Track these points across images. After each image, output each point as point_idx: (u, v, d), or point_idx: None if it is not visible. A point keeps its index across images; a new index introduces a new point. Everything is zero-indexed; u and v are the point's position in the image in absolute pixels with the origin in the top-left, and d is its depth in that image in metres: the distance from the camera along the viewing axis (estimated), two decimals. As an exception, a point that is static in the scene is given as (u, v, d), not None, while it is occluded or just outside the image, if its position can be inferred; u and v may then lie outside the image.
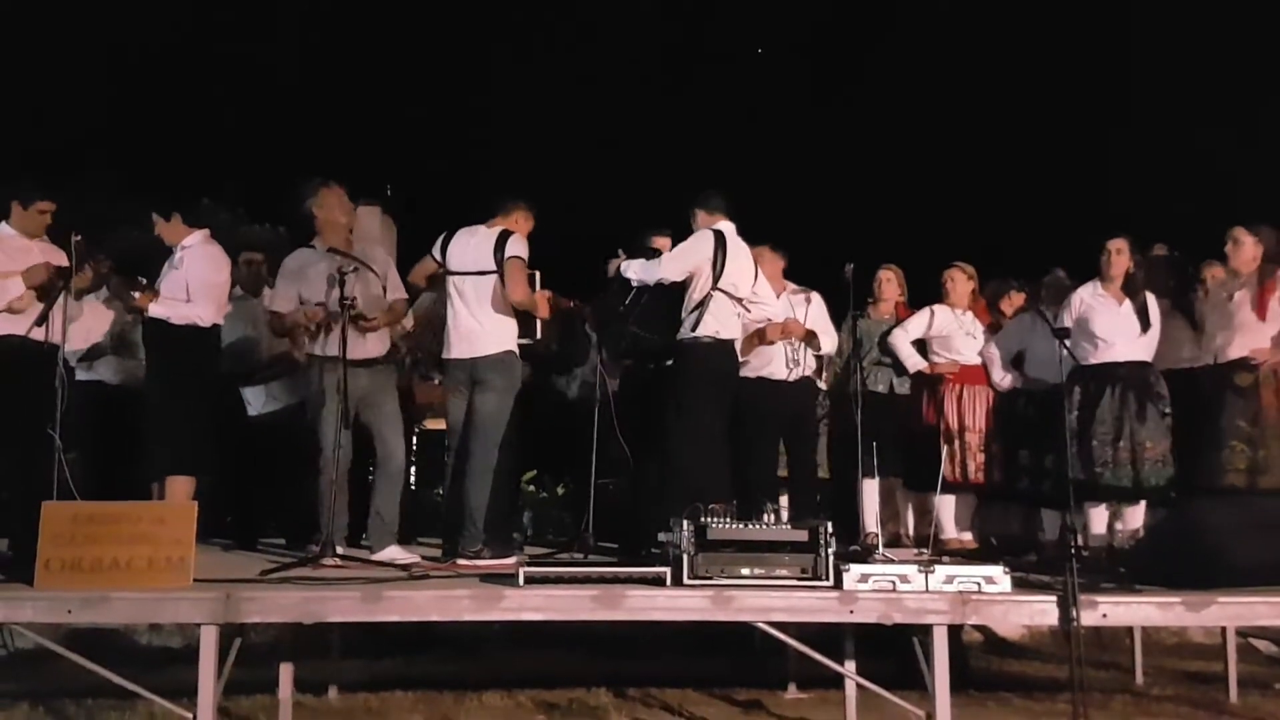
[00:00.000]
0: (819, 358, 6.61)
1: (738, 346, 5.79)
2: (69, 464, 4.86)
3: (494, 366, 5.42)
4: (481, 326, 5.43)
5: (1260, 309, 5.92)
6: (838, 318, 6.63)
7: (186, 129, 15.39)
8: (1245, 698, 5.59)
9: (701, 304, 5.54)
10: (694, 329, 5.55)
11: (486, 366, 5.42)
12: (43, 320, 5.05)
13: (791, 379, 6.38)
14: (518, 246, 5.46)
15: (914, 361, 6.84)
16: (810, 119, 16.34)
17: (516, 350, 5.52)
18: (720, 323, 5.57)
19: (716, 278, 5.54)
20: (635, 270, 5.70)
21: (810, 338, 6.39)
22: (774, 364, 6.34)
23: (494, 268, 5.41)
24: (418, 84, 16.77)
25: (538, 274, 5.57)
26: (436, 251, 5.61)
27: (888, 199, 15.04)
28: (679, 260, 5.61)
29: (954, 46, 15.90)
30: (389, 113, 16.61)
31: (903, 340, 6.85)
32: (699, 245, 5.60)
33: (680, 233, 5.85)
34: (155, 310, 5.54)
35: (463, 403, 5.48)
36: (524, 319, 5.51)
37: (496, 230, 5.52)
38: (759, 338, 6.09)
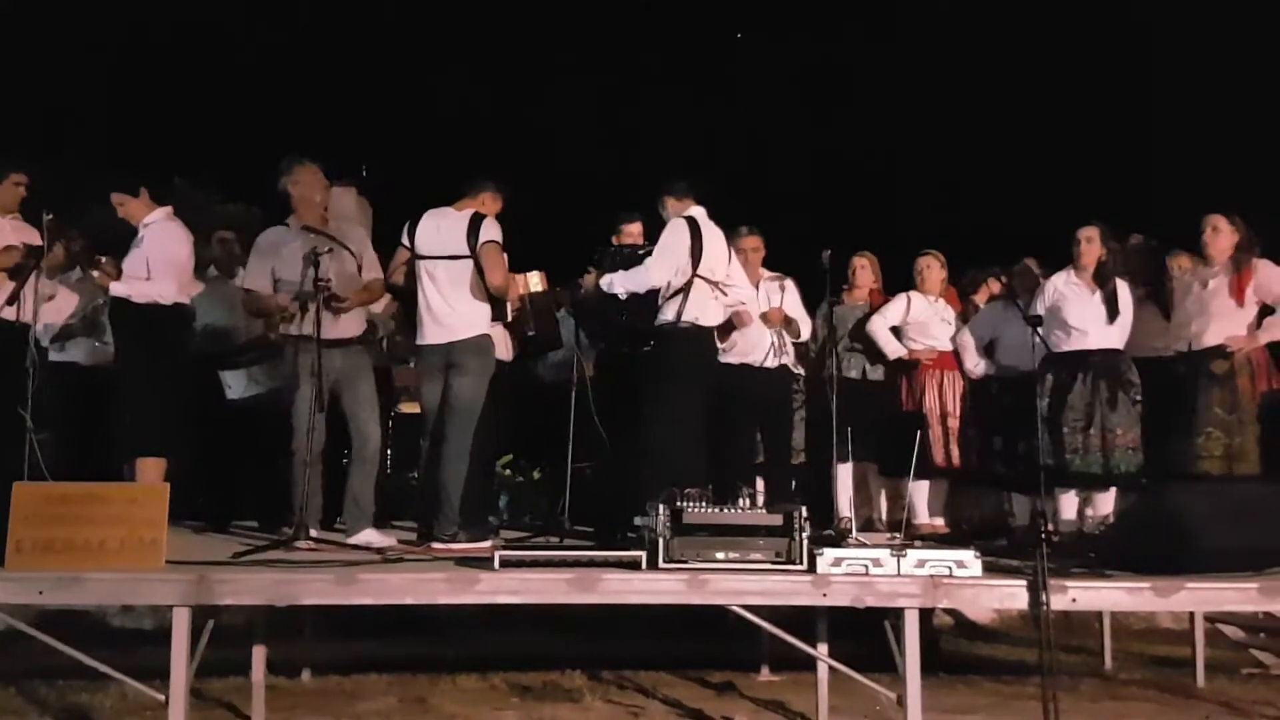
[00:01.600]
0: (796, 345, 6.63)
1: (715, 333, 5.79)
2: (40, 445, 4.82)
3: (469, 350, 5.37)
4: (455, 311, 5.35)
5: (1238, 296, 5.96)
6: (812, 304, 6.65)
7: (163, 108, 15.30)
8: (1212, 682, 5.66)
9: (682, 291, 5.53)
10: (674, 316, 5.54)
11: (462, 350, 5.36)
12: (13, 299, 5.00)
13: (771, 365, 6.41)
14: (492, 230, 5.38)
15: (893, 348, 6.85)
16: (789, 108, 16.38)
17: (490, 334, 5.47)
18: (700, 309, 5.57)
19: (695, 264, 5.53)
20: (621, 282, 5.57)
21: (789, 324, 6.41)
22: (758, 351, 6.36)
23: (467, 252, 5.32)
24: (398, 66, 16.70)
25: (505, 256, 5.44)
26: (405, 237, 5.51)
27: (861, 186, 15.12)
28: (665, 263, 5.53)
29: (935, 38, 15.97)
30: (364, 93, 16.55)
31: (881, 327, 6.86)
32: (678, 238, 5.54)
33: (651, 219, 5.81)
34: (116, 289, 5.46)
35: (438, 387, 5.42)
36: (495, 301, 5.44)
37: (467, 213, 5.42)
38: (739, 321, 6.09)
